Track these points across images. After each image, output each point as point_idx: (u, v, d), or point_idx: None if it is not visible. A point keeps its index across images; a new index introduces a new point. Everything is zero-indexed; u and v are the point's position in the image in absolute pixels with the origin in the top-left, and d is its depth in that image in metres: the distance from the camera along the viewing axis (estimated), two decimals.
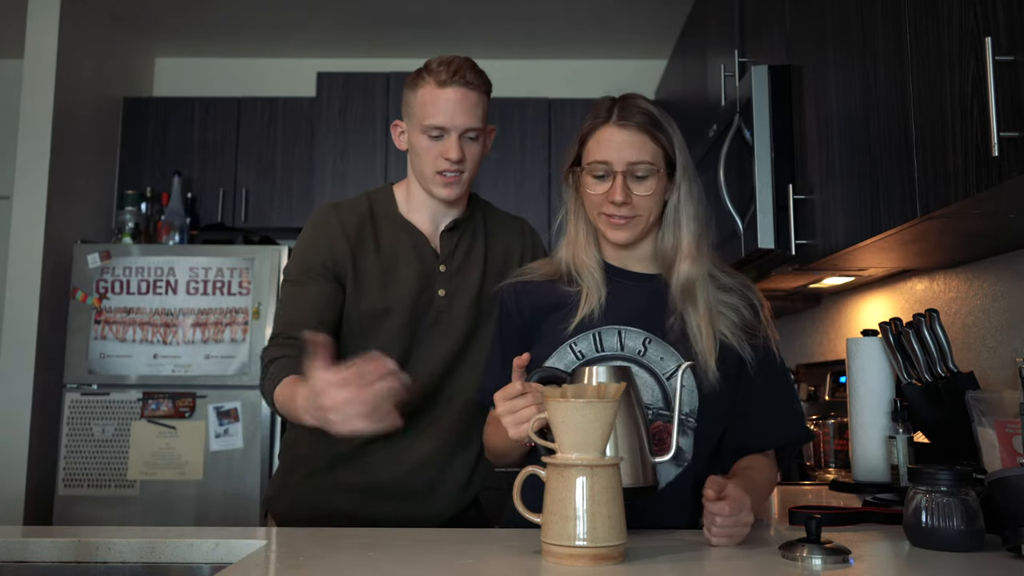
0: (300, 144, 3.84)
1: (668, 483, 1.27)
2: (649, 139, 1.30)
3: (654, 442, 1.23)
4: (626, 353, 1.29)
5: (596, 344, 1.30)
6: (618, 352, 1.30)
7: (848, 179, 1.58)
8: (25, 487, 3.14)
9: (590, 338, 1.30)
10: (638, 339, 1.30)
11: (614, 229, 1.32)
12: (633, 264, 1.37)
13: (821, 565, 1.00)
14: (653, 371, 1.29)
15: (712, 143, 2.29)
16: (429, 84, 1.51)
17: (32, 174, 3.29)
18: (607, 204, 1.30)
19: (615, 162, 1.29)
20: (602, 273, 1.35)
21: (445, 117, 1.49)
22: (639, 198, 1.30)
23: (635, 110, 1.32)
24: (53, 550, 1.13)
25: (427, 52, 4.62)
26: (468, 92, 1.50)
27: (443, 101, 1.49)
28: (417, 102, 1.53)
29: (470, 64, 1.54)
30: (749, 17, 2.27)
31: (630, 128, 1.30)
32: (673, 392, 1.25)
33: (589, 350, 1.30)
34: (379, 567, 0.98)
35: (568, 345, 1.30)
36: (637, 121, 1.30)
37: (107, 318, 3.23)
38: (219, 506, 3.11)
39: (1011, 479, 1.06)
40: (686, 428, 1.28)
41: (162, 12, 3.77)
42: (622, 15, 3.74)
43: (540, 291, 1.37)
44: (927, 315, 1.60)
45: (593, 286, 1.33)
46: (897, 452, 1.62)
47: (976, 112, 1.12)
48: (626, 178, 1.29)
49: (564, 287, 1.35)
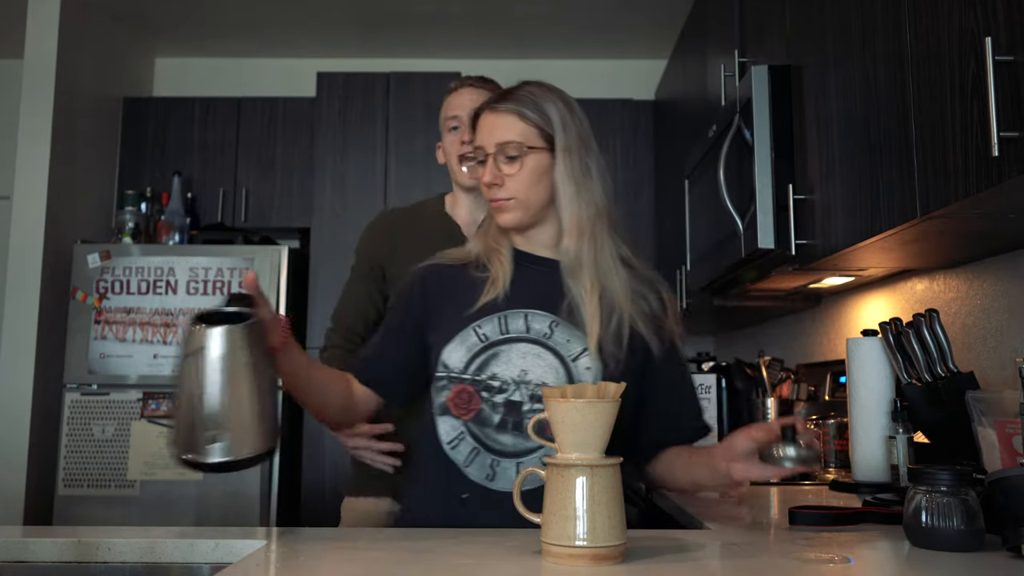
0: (300, 144, 3.84)
1: None
2: (518, 119, 1.32)
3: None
4: (531, 335, 1.31)
5: (501, 327, 1.31)
6: (523, 335, 1.31)
7: (848, 179, 1.58)
8: (25, 487, 3.14)
9: (495, 321, 1.31)
10: (544, 322, 1.31)
11: (498, 212, 1.35)
12: (539, 249, 1.38)
13: (795, 454, 1.09)
14: (559, 353, 1.30)
15: (712, 143, 2.29)
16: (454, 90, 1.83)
17: (32, 174, 3.29)
18: (486, 188, 1.34)
19: (487, 145, 1.33)
20: (510, 258, 1.36)
21: (462, 109, 1.75)
22: (510, 179, 1.32)
23: (508, 94, 1.36)
24: (53, 550, 1.13)
25: (427, 52, 4.60)
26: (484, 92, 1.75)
27: (461, 97, 1.79)
28: (443, 105, 1.82)
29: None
30: (749, 17, 2.27)
31: (498, 111, 1.34)
32: (578, 375, 1.28)
33: (493, 332, 1.31)
34: (379, 567, 0.98)
35: (472, 328, 1.31)
36: (507, 104, 1.33)
37: (107, 318, 3.23)
38: (219, 506, 3.11)
39: (1011, 479, 1.05)
40: None
41: (162, 12, 3.77)
42: (622, 15, 3.74)
43: (449, 275, 1.38)
44: (927, 315, 1.60)
45: (500, 270, 1.34)
46: (897, 452, 1.62)
47: (976, 112, 1.12)
48: (496, 159, 1.32)
49: (474, 272, 1.37)
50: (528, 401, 1.28)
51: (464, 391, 1.29)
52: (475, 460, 1.28)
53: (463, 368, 1.30)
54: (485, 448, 1.28)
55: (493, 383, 1.29)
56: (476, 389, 1.29)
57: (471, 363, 1.30)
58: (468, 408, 1.29)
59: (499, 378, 1.29)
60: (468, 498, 1.28)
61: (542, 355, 1.29)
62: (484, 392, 1.29)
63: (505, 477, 1.27)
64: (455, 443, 1.29)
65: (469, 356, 1.30)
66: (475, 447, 1.28)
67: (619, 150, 3.88)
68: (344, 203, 3.65)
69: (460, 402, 1.29)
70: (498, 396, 1.28)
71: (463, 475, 1.28)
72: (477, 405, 1.29)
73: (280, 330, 1.18)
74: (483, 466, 1.28)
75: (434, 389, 1.33)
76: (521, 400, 1.28)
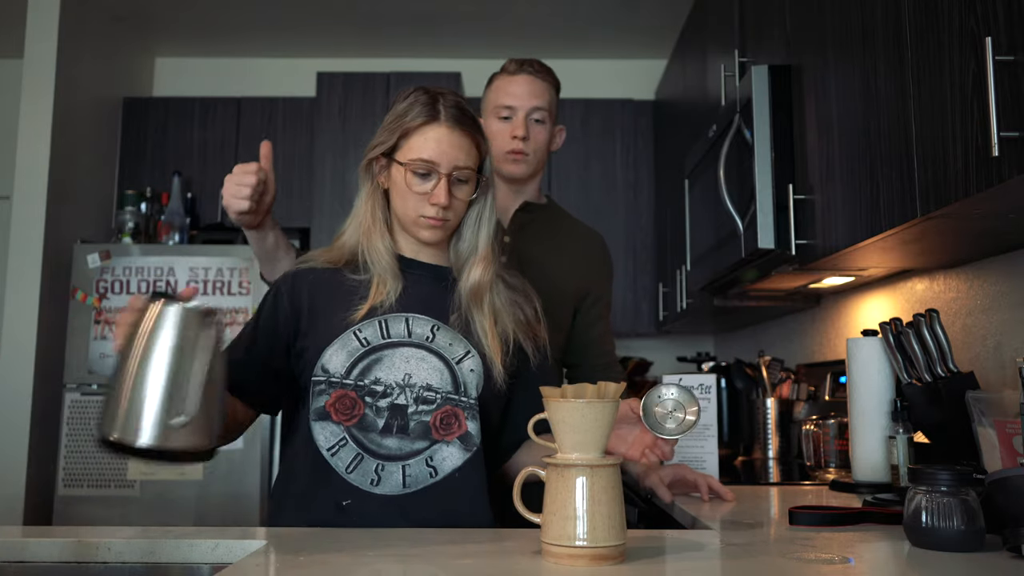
0: (300, 144, 3.84)
1: (457, 468, 1.28)
2: (474, 145, 1.33)
3: (442, 425, 1.28)
4: (414, 340, 1.31)
5: (383, 331, 1.30)
6: (405, 339, 1.30)
7: (848, 179, 1.58)
8: (25, 487, 3.13)
9: (375, 325, 1.30)
10: (426, 326, 1.32)
11: (430, 230, 1.33)
12: (425, 256, 1.39)
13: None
14: (443, 356, 1.31)
15: (712, 143, 2.29)
16: (502, 75, 1.81)
17: (32, 174, 3.29)
18: (427, 206, 1.31)
19: (442, 164, 1.30)
20: (395, 263, 1.35)
21: (519, 100, 1.76)
22: (458, 202, 1.33)
23: (465, 113, 1.34)
24: (53, 550, 1.13)
25: (427, 52, 4.59)
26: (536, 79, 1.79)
27: (519, 85, 1.78)
28: (491, 87, 1.82)
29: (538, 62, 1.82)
30: (749, 17, 2.27)
31: (459, 132, 1.31)
32: (463, 377, 1.30)
33: (375, 336, 1.30)
34: (379, 567, 0.98)
35: (352, 332, 1.30)
36: (466, 125, 1.32)
37: (107, 318, 3.23)
38: (219, 506, 3.11)
39: (1011, 479, 1.05)
40: (474, 413, 1.31)
41: (162, 12, 3.77)
42: (622, 15, 3.74)
43: (323, 279, 1.36)
44: (927, 315, 1.60)
45: (387, 275, 1.33)
46: (897, 452, 1.62)
47: (976, 112, 1.12)
48: (450, 181, 1.30)
49: (349, 275, 1.35)
50: (413, 403, 1.28)
51: (346, 396, 1.27)
52: (359, 466, 1.26)
53: (344, 373, 1.28)
54: (368, 453, 1.26)
55: (376, 387, 1.27)
56: (359, 394, 1.27)
57: (353, 368, 1.28)
58: (351, 414, 1.27)
59: (382, 382, 1.28)
60: (349, 505, 1.25)
61: (426, 358, 1.30)
62: (367, 397, 1.27)
63: (391, 481, 1.26)
64: (335, 449, 1.26)
65: (350, 361, 1.28)
66: (358, 452, 1.26)
67: (619, 150, 3.89)
68: (344, 203, 3.62)
69: (342, 408, 1.27)
70: (382, 400, 1.27)
71: (344, 481, 1.25)
72: (360, 411, 1.27)
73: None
74: (367, 471, 1.26)
75: (312, 394, 1.29)
76: (406, 403, 1.27)
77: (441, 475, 1.27)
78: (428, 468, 1.27)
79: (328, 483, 1.26)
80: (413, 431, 1.27)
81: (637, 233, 3.83)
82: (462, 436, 1.29)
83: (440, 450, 1.28)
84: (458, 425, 1.29)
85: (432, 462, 1.27)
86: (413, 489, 1.26)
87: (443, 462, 1.28)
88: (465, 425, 1.29)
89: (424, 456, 1.27)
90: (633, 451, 1.23)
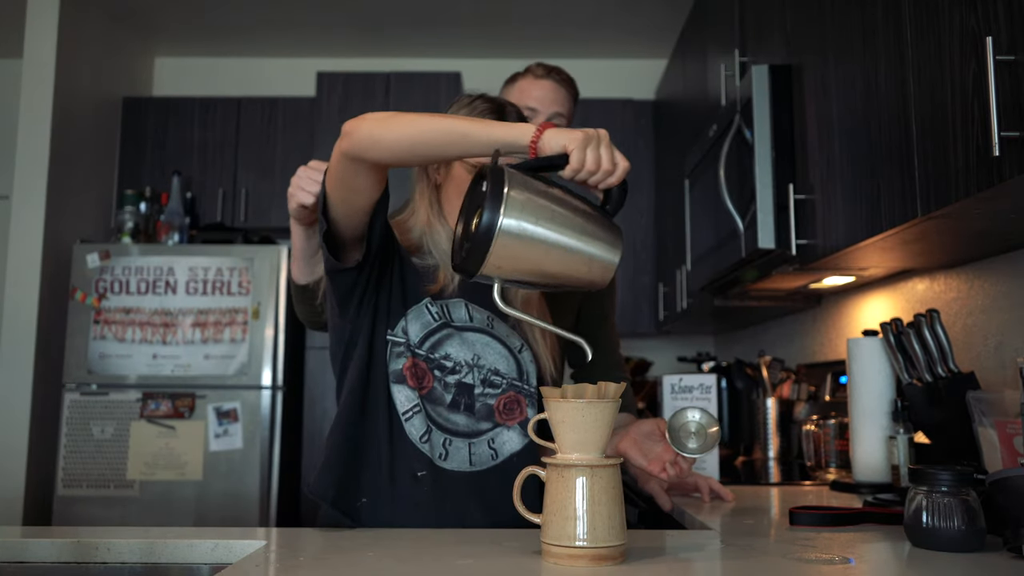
0: (300, 144, 3.84)
1: (515, 453, 1.31)
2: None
3: (505, 410, 1.32)
4: (475, 324, 1.33)
5: (447, 313, 1.32)
6: (468, 324, 1.33)
7: (848, 179, 1.58)
8: (24, 487, 3.14)
9: (440, 306, 1.32)
10: (484, 314, 1.35)
11: None
12: None
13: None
14: (506, 343, 1.34)
15: (712, 143, 2.29)
16: (527, 76, 1.83)
17: (32, 174, 3.29)
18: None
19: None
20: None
21: (541, 104, 1.78)
22: None
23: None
24: (52, 550, 1.13)
25: (427, 52, 4.59)
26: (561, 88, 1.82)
27: (541, 88, 1.80)
28: (511, 89, 1.84)
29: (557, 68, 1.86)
30: (749, 17, 2.27)
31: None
32: (525, 366, 1.34)
33: (440, 315, 1.32)
34: (379, 567, 0.98)
35: (425, 305, 1.31)
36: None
37: (106, 318, 3.23)
38: (219, 506, 3.11)
39: (1012, 479, 1.05)
40: (534, 401, 1.35)
41: (162, 12, 3.77)
42: (622, 15, 3.74)
43: (402, 252, 1.36)
44: (928, 315, 1.60)
45: (449, 261, 1.33)
46: (897, 452, 1.62)
47: (977, 112, 1.12)
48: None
49: (414, 259, 1.35)
50: (480, 385, 1.30)
51: (417, 366, 1.29)
52: (430, 438, 1.27)
53: (418, 343, 1.29)
54: (436, 426, 1.28)
55: (447, 363, 1.30)
56: (429, 366, 1.29)
57: (426, 340, 1.30)
58: (421, 384, 1.29)
59: (452, 359, 1.30)
60: (424, 476, 1.25)
61: (491, 344, 1.33)
62: (436, 371, 1.29)
63: (458, 457, 1.27)
64: (410, 416, 1.27)
65: (424, 332, 1.30)
66: (428, 424, 1.28)
67: (619, 150, 3.88)
68: None
69: (415, 375, 1.28)
70: (450, 376, 1.30)
71: (418, 451, 1.26)
72: (430, 383, 1.29)
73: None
74: (436, 444, 1.27)
75: (389, 355, 1.29)
76: (473, 383, 1.30)
77: (501, 458, 1.31)
78: (490, 450, 1.30)
79: (404, 452, 1.27)
80: (479, 412, 1.31)
81: (637, 233, 3.83)
82: (523, 423, 1.33)
83: (501, 433, 1.31)
84: (520, 411, 1.33)
85: (494, 444, 1.31)
86: (478, 468, 1.29)
87: (503, 445, 1.31)
88: (526, 412, 1.33)
89: (487, 437, 1.30)
90: (654, 466, 1.33)
